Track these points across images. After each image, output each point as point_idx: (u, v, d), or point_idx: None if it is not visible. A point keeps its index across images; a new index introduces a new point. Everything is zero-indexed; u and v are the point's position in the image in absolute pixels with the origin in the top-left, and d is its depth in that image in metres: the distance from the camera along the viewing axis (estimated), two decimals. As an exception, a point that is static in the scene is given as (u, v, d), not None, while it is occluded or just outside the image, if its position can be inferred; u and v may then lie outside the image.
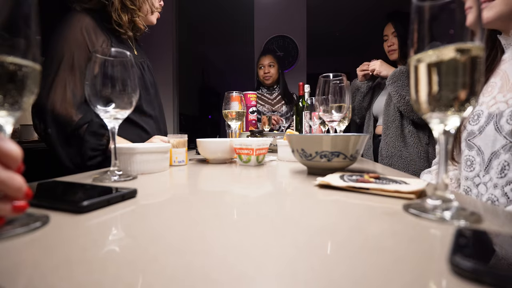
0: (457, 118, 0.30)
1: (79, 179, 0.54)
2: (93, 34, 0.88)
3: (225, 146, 0.78)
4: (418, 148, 1.32)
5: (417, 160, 1.31)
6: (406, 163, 1.32)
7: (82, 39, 0.85)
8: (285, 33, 3.34)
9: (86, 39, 0.86)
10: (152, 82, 1.10)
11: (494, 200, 0.59)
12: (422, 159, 1.31)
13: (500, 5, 0.59)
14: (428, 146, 1.33)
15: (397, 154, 1.34)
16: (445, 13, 0.29)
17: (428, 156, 1.32)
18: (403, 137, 1.35)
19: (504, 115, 0.59)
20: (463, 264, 0.18)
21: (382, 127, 1.42)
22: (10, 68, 0.27)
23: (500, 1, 0.59)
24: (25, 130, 2.21)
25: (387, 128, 1.40)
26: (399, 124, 1.37)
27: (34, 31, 0.29)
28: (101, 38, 0.89)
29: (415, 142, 1.33)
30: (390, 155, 1.36)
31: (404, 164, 1.32)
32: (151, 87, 1.09)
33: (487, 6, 0.60)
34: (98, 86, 0.49)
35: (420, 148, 1.32)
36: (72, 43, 0.84)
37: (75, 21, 0.86)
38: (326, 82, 0.78)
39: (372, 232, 0.26)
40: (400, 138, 1.35)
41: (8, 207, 0.24)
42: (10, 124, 0.29)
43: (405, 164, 1.32)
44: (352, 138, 0.53)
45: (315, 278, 0.18)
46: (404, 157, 1.33)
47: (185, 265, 0.20)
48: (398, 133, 1.36)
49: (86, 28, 0.87)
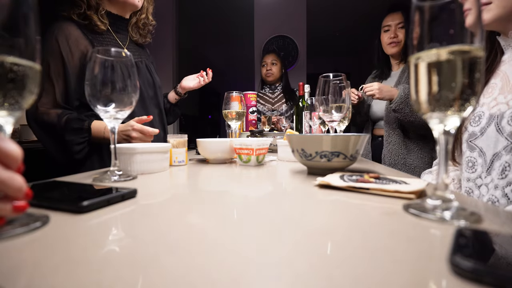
0: (457, 118, 0.30)
1: (79, 179, 0.54)
2: (72, 42, 0.88)
3: (225, 146, 0.78)
4: (422, 154, 1.30)
5: (422, 166, 1.28)
6: (411, 170, 1.29)
7: (57, 48, 0.87)
8: (285, 33, 3.34)
9: (61, 48, 0.87)
10: (151, 83, 1.09)
11: (494, 201, 0.59)
12: (427, 165, 1.28)
13: (497, 8, 0.59)
14: (433, 151, 1.29)
15: (400, 162, 1.31)
16: (445, 13, 0.29)
17: (432, 161, 1.28)
18: (405, 144, 1.32)
19: (505, 116, 0.59)
20: (463, 264, 0.18)
21: (384, 135, 1.38)
22: (10, 68, 0.27)
23: (496, 4, 0.59)
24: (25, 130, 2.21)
25: (389, 135, 1.36)
26: (401, 132, 1.33)
27: (34, 31, 0.29)
28: (82, 44, 0.90)
29: (419, 148, 1.30)
30: (394, 163, 1.33)
31: (409, 171, 1.29)
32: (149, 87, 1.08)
33: (485, 9, 0.60)
34: (98, 86, 0.49)
35: (425, 153, 1.30)
36: (47, 52, 0.87)
37: (53, 30, 0.89)
38: (326, 82, 0.78)
39: (372, 232, 0.26)
40: (403, 145, 1.32)
41: (8, 207, 0.24)
42: (10, 124, 0.29)
43: (410, 171, 1.29)
44: (352, 138, 0.53)
45: (315, 278, 0.18)
46: (408, 164, 1.30)
47: (185, 265, 0.20)
48: (400, 140, 1.33)
49: (64, 36, 0.88)
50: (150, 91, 1.08)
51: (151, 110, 1.07)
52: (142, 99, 1.02)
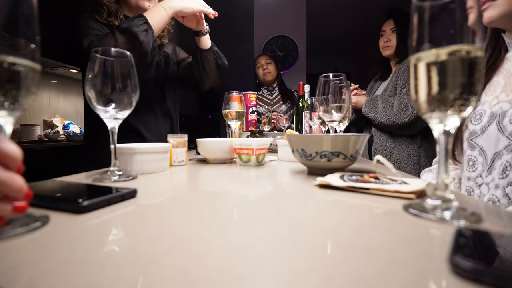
0: (457, 118, 0.30)
1: (79, 179, 0.54)
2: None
3: (225, 146, 0.78)
4: (409, 151, 1.32)
5: (407, 162, 1.31)
6: (397, 165, 1.31)
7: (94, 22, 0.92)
8: (285, 33, 3.34)
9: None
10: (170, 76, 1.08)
11: (495, 200, 0.59)
12: (412, 162, 1.31)
13: (504, 4, 0.58)
14: (420, 149, 1.32)
15: (388, 155, 1.34)
16: (445, 13, 0.29)
17: (419, 159, 1.31)
18: (393, 138, 1.36)
19: (507, 115, 0.58)
20: (463, 264, 0.18)
21: (373, 130, 1.43)
22: (10, 68, 0.27)
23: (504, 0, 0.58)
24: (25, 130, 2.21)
25: (377, 131, 1.41)
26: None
27: (34, 31, 0.29)
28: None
29: (406, 144, 1.33)
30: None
31: (395, 165, 1.31)
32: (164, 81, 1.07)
33: (491, 5, 0.59)
34: (98, 86, 0.49)
35: (412, 150, 1.32)
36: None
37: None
38: (326, 82, 0.78)
39: (372, 232, 0.26)
40: (390, 139, 1.36)
41: (8, 207, 0.24)
42: (10, 124, 0.29)
43: (396, 165, 1.31)
44: (352, 138, 0.53)
45: (315, 278, 0.18)
46: (394, 159, 1.33)
47: (185, 265, 0.20)
48: (387, 135, 1.37)
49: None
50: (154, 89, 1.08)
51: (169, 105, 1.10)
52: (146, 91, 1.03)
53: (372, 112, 1.35)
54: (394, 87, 1.38)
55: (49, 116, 2.59)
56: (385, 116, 1.30)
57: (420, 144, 1.33)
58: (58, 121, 2.53)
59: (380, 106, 1.32)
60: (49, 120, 2.52)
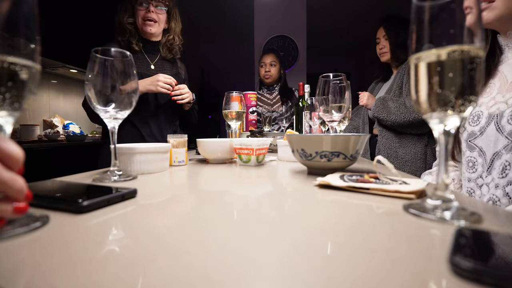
0: (457, 118, 0.30)
1: (79, 179, 0.54)
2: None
3: (225, 146, 0.78)
4: (415, 149, 1.32)
5: (413, 160, 1.31)
6: (402, 164, 1.32)
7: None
8: (285, 33, 3.34)
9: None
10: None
11: (495, 200, 0.59)
12: (419, 160, 1.31)
13: (501, 7, 0.58)
14: (427, 147, 1.32)
15: (393, 154, 1.34)
16: (445, 13, 0.29)
17: (425, 157, 1.31)
18: (399, 137, 1.36)
19: (504, 115, 0.59)
20: (463, 264, 0.18)
21: (378, 129, 1.43)
22: (10, 68, 0.27)
23: (501, 3, 0.58)
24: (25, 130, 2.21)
25: (382, 130, 1.40)
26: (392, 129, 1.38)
27: (34, 31, 0.29)
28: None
29: (412, 142, 1.33)
30: (387, 157, 1.35)
31: (400, 164, 1.32)
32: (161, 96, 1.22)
33: (488, 7, 0.60)
34: (98, 86, 0.49)
35: (418, 148, 1.32)
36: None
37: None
38: (326, 82, 0.78)
39: (372, 232, 0.26)
40: (396, 138, 1.36)
41: (9, 208, 0.24)
42: (10, 124, 0.29)
43: (401, 164, 1.32)
44: (352, 138, 0.53)
45: (315, 278, 0.18)
46: (400, 157, 1.33)
47: (185, 265, 0.20)
48: (393, 134, 1.37)
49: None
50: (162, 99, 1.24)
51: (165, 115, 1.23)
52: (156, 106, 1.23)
53: (384, 112, 1.33)
54: (399, 87, 1.38)
55: (49, 116, 2.59)
56: (400, 116, 1.29)
57: (426, 142, 1.33)
58: (58, 121, 2.53)
59: (392, 106, 1.31)
60: (49, 120, 2.52)
